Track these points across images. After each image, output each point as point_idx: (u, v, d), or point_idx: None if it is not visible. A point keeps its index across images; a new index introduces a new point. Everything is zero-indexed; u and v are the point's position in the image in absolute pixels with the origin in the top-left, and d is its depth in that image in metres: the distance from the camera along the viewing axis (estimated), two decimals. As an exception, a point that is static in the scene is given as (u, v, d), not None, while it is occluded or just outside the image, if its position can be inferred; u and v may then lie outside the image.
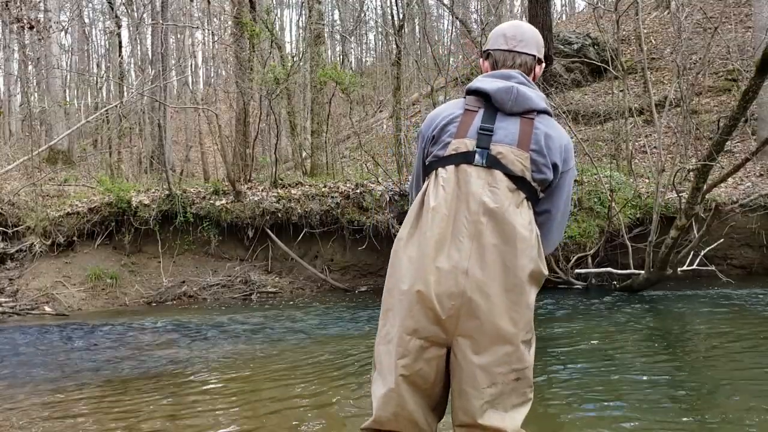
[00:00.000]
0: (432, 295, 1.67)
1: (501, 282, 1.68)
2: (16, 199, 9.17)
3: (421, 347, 1.70)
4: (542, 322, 6.14)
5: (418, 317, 1.69)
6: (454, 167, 1.77)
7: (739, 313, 6.33)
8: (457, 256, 1.68)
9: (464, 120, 1.82)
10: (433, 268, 1.69)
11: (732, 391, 3.70)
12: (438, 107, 1.97)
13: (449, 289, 1.67)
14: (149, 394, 4.08)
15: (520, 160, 1.77)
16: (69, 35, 19.62)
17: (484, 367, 1.67)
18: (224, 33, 18.51)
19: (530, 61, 1.93)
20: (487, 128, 1.79)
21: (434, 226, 1.72)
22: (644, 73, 11.41)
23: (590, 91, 16.14)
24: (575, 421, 3.28)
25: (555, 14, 25.05)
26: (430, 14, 20.74)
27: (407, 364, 1.70)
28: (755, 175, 10.16)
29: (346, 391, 3.97)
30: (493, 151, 1.76)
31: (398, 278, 1.76)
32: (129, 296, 8.66)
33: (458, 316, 1.67)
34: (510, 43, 1.93)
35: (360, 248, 9.28)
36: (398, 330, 1.72)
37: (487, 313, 1.66)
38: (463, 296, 1.66)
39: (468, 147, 1.77)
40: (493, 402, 1.68)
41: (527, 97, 1.82)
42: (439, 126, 1.86)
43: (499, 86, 1.82)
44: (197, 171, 17.46)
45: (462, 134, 1.80)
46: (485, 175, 1.75)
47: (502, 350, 1.68)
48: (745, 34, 15.24)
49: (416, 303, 1.69)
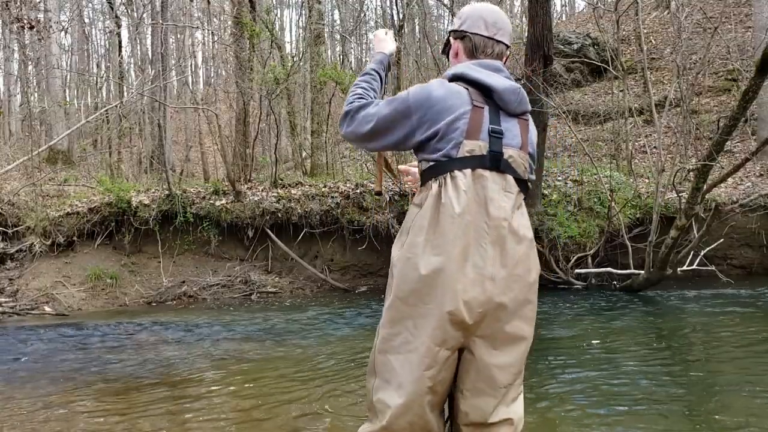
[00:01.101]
0: (461, 306, 1.66)
1: (522, 285, 1.73)
2: (16, 199, 9.18)
3: (447, 358, 1.70)
4: (542, 322, 6.14)
5: (446, 328, 1.67)
6: (471, 171, 1.73)
7: (739, 313, 6.33)
8: (482, 263, 1.68)
9: (474, 117, 1.75)
10: (461, 278, 1.66)
11: (732, 391, 3.70)
12: (434, 88, 1.79)
13: (477, 297, 1.67)
14: (149, 394, 4.08)
15: (524, 162, 1.82)
16: (69, 35, 19.63)
17: (502, 366, 1.71)
18: (224, 33, 18.50)
19: (505, 51, 1.92)
20: (498, 130, 1.77)
21: (461, 233, 1.68)
22: (644, 73, 11.41)
23: (590, 91, 16.15)
24: (575, 420, 3.28)
25: (555, 14, 25.06)
26: (430, 14, 20.73)
27: (434, 375, 1.69)
28: (755, 175, 10.16)
29: (346, 391, 3.97)
30: (506, 154, 1.77)
31: (417, 290, 1.69)
32: (129, 296, 8.66)
33: (482, 320, 1.69)
34: (491, 30, 1.89)
35: (360, 248, 9.28)
36: (426, 341, 1.67)
37: (510, 315, 1.71)
38: (490, 302, 1.68)
39: (482, 150, 1.75)
40: (506, 399, 1.73)
41: (527, 100, 1.86)
42: (447, 121, 1.75)
43: (506, 85, 1.80)
44: (197, 171, 17.48)
45: (475, 135, 1.74)
46: (500, 180, 1.76)
47: (518, 350, 1.74)
48: (745, 34, 15.24)
49: (446, 314, 1.66)
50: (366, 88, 1.99)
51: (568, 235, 8.44)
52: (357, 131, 1.89)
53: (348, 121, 1.91)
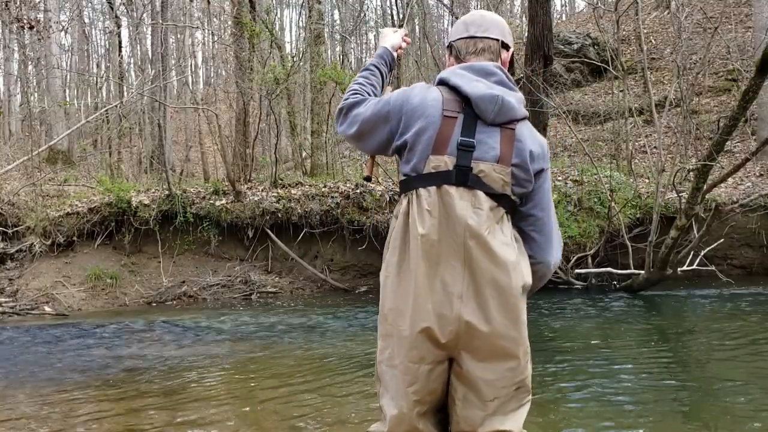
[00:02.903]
0: (433, 325, 1.66)
1: (498, 303, 1.66)
2: (16, 199, 9.18)
3: (429, 371, 1.70)
4: (542, 322, 6.14)
5: (421, 346, 1.68)
6: (436, 189, 1.66)
7: (740, 313, 6.33)
8: (451, 281, 1.65)
9: (443, 131, 1.68)
10: (431, 296, 1.66)
11: (733, 391, 3.70)
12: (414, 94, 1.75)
13: (446, 315, 1.65)
14: (149, 394, 4.08)
15: (502, 176, 1.69)
16: (69, 35, 19.63)
17: (488, 381, 1.68)
18: (224, 33, 18.51)
19: (494, 45, 1.80)
20: (467, 143, 1.67)
21: (424, 254, 1.66)
22: (644, 73, 11.41)
23: (590, 91, 16.15)
24: (575, 420, 3.28)
25: (555, 14, 25.03)
26: (430, 14, 20.73)
27: (418, 389, 1.70)
28: (755, 175, 10.16)
29: (346, 392, 3.97)
30: (475, 169, 1.67)
31: (395, 308, 1.71)
32: (129, 296, 8.65)
33: (458, 338, 1.67)
34: (470, 30, 1.81)
35: (360, 248, 9.28)
36: (404, 360, 1.70)
37: (488, 334, 1.65)
38: (460, 320, 1.64)
39: (449, 165, 1.66)
40: (495, 412, 1.70)
41: (510, 107, 1.71)
42: (415, 131, 1.70)
43: (483, 93, 1.68)
44: (197, 171, 17.47)
45: (442, 149, 1.67)
46: (468, 196, 1.66)
47: (504, 366, 1.68)
48: (745, 34, 15.24)
49: (418, 334, 1.67)
50: (362, 83, 1.94)
51: (568, 235, 8.44)
52: (346, 132, 1.89)
53: (342, 119, 1.90)
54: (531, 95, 8.28)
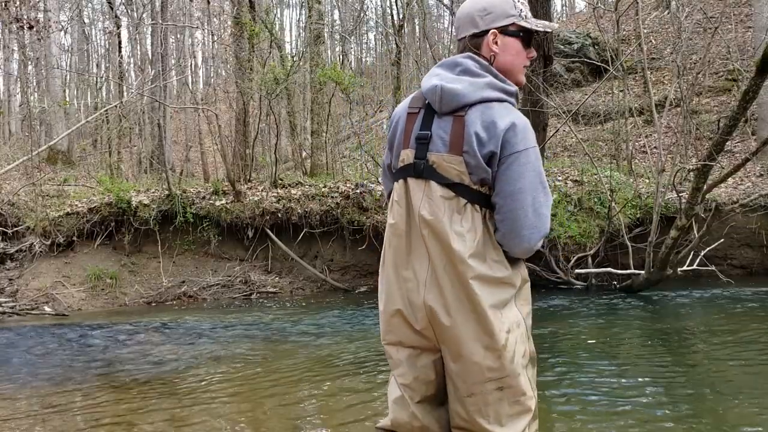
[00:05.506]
0: (404, 308, 1.75)
1: (453, 293, 1.67)
2: (15, 199, 9.18)
3: (410, 356, 1.77)
4: (542, 322, 6.13)
5: (397, 330, 1.78)
6: (402, 182, 1.77)
7: (740, 313, 6.33)
8: (419, 268, 1.72)
9: (407, 127, 1.80)
10: (400, 282, 1.76)
11: (733, 391, 3.70)
12: (404, 101, 1.92)
13: (414, 301, 1.72)
14: (149, 394, 4.08)
15: (454, 165, 1.68)
16: (69, 35, 19.65)
17: (458, 375, 1.70)
18: (224, 33, 18.51)
19: (467, 42, 1.80)
20: (423, 136, 1.74)
21: (395, 242, 1.77)
22: (644, 73, 11.40)
23: (590, 91, 16.14)
24: (575, 420, 3.28)
25: (555, 14, 25.05)
26: (430, 14, 20.74)
27: (402, 373, 1.78)
28: (755, 175, 10.15)
29: (346, 391, 3.97)
30: (429, 160, 1.72)
31: (379, 293, 1.86)
32: (129, 296, 8.65)
33: (431, 327, 1.71)
34: (455, 33, 1.89)
35: (360, 248, 9.28)
36: (387, 346, 1.83)
37: (450, 326, 1.68)
38: (426, 306, 1.70)
39: (410, 158, 1.76)
40: (480, 411, 1.68)
41: (454, 94, 1.69)
42: (392, 131, 1.86)
43: (428, 86, 1.75)
44: (197, 171, 17.49)
45: (406, 144, 1.78)
46: (423, 187, 1.72)
47: (470, 360, 1.67)
48: (745, 34, 15.25)
49: (391, 317, 1.78)
50: None
51: (568, 235, 8.44)
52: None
53: None
54: (531, 95, 8.28)
